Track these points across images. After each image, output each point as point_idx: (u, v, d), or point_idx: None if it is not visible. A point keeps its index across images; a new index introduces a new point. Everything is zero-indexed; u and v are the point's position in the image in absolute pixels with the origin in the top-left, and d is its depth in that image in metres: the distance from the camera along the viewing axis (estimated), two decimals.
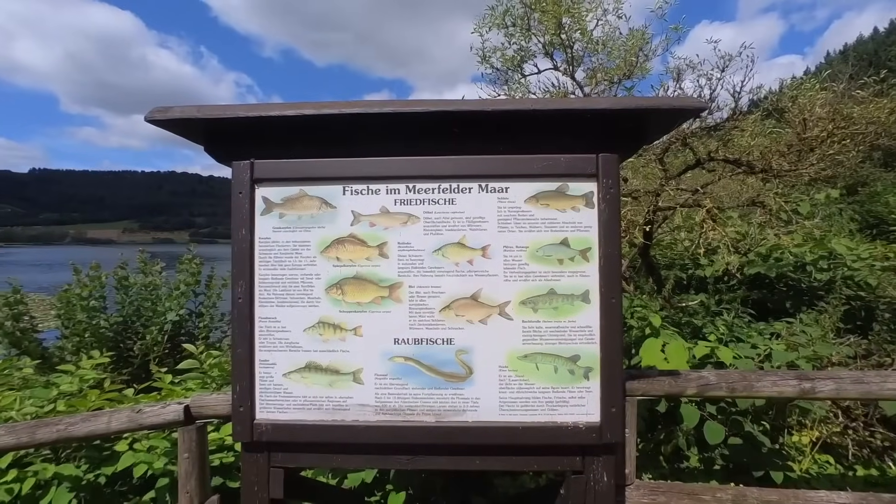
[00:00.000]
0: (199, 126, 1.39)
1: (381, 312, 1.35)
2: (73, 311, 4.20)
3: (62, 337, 4.54)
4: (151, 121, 1.33)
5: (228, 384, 3.50)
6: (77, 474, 2.86)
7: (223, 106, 1.33)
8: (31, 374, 3.36)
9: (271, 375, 1.37)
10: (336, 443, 1.37)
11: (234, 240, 1.36)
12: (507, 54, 3.80)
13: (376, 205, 1.36)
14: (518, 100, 1.24)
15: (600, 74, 3.73)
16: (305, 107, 1.30)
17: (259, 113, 1.30)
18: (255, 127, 1.35)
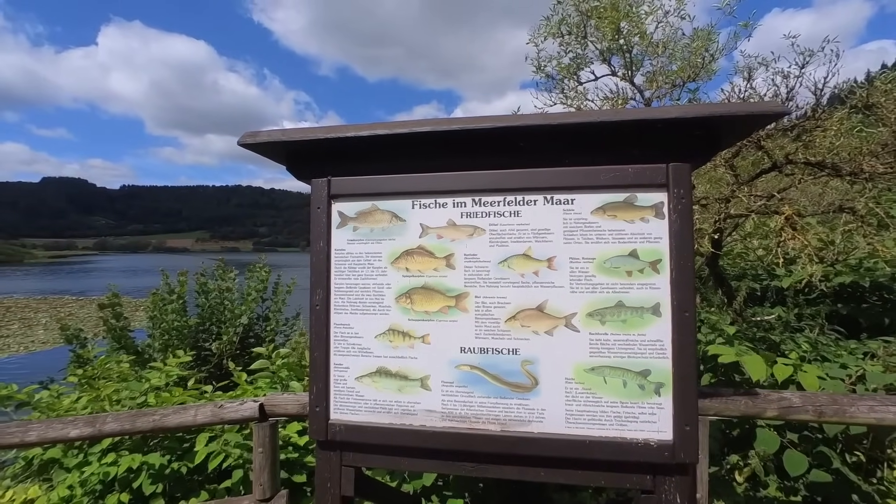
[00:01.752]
0: (282, 148, 1.52)
1: (448, 321, 1.40)
2: (164, 313, 4.67)
3: (150, 336, 5.05)
4: (243, 144, 1.48)
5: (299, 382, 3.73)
6: (162, 462, 3.16)
7: (304, 129, 1.45)
8: (127, 368, 3.77)
9: (345, 379, 1.46)
10: (404, 446, 1.43)
11: (313, 251, 1.47)
12: (562, 63, 3.77)
13: (443, 218, 1.42)
14: (585, 112, 1.24)
15: (661, 78, 3.59)
16: (378, 127, 1.39)
17: (336, 134, 1.40)
18: (333, 147, 1.45)
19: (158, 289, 4.92)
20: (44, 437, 2.29)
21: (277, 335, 5.28)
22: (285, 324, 5.52)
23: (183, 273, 5.00)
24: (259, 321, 5.24)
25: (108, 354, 4.16)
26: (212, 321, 4.83)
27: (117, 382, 3.47)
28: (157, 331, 4.71)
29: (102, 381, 3.50)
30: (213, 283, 5.09)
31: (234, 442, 3.15)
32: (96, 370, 3.66)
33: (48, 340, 16.66)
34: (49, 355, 14.39)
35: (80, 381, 3.62)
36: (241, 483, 3.08)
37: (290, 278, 5.49)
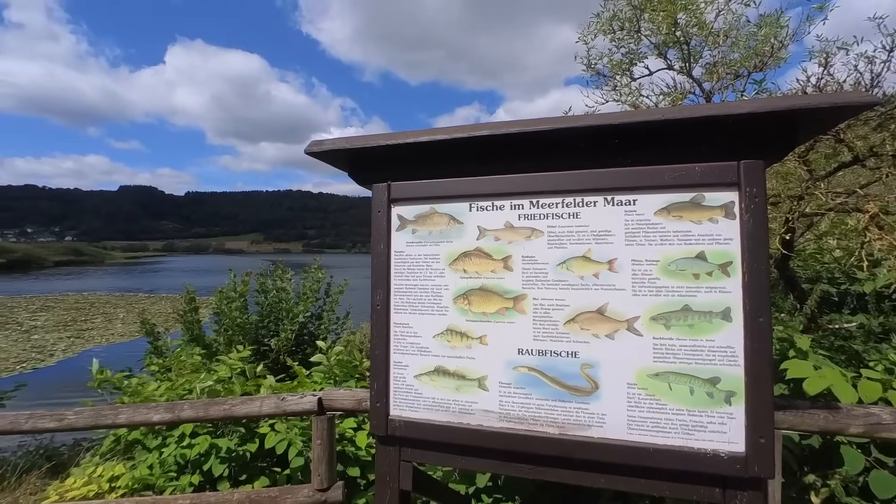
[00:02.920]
0: (345, 155, 1.60)
1: (506, 323, 1.41)
2: (231, 310, 5.03)
3: (215, 331, 5.44)
4: (309, 153, 1.57)
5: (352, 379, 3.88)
6: (230, 446, 3.39)
7: (366, 136, 1.52)
8: (198, 360, 4.08)
9: (404, 376, 1.51)
10: (461, 444, 1.45)
11: (374, 253, 1.54)
12: (614, 59, 3.65)
13: (501, 220, 1.43)
14: (649, 110, 1.20)
15: (722, 69, 3.39)
16: (437, 132, 1.42)
17: (397, 140, 1.45)
18: (393, 153, 1.51)
19: (224, 287, 5.29)
20: (131, 419, 2.54)
21: (329, 333, 5.50)
22: (336, 323, 5.75)
23: (248, 274, 5.35)
24: (312, 319, 5.50)
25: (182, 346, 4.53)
26: (270, 318, 5.13)
27: (190, 373, 3.77)
28: (222, 326, 5.07)
29: (179, 370, 3.81)
30: (272, 283, 5.40)
31: (294, 433, 3.33)
32: (171, 361, 4.00)
33: (125, 333, 18.33)
34: (126, 346, 15.84)
35: (157, 370, 3.97)
36: (299, 471, 3.24)
37: (343, 279, 5.72)
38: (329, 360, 3.65)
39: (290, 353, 5.05)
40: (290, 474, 3.28)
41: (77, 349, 15.52)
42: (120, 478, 3.60)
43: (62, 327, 19.25)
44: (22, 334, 17.70)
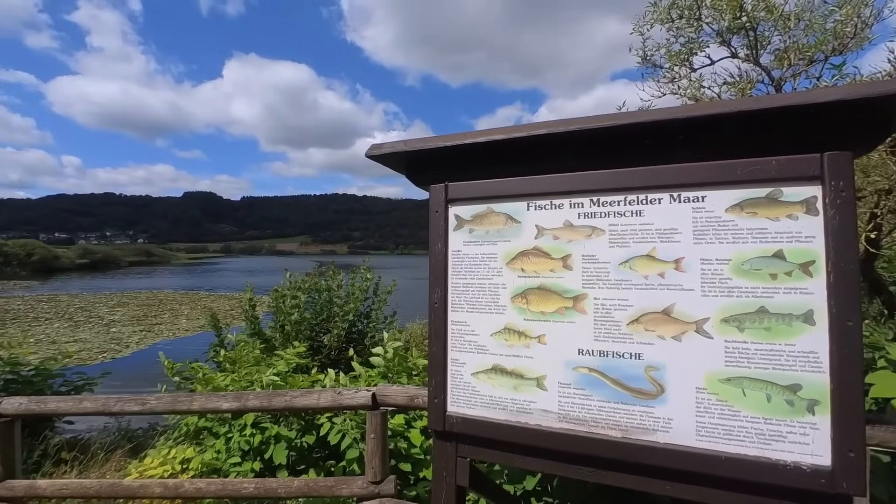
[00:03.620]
0: (403, 157, 1.65)
1: (565, 322, 1.39)
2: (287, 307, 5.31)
3: (270, 327, 5.76)
4: (370, 156, 1.63)
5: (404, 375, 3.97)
6: (290, 436, 3.57)
7: (424, 138, 1.56)
8: (259, 354, 4.35)
9: (461, 374, 1.53)
10: (519, 443, 1.45)
11: (432, 252, 1.57)
12: (671, 50, 3.48)
13: (559, 219, 1.42)
14: (718, 102, 1.14)
15: (794, 54, 3.14)
16: (495, 132, 1.44)
17: (455, 142, 1.48)
18: (450, 154, 1.54)
19: (280, 286, 5.60)
20: (203, 406, 2.74)
21: (377, 332, 5.67)
22: (383, 322, 5.91)
23: (309, 274, 5.64)
24: (361, 318, 5.68)
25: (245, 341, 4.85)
26: (323, 316, 5.36)
27: (251, 366, 4.03)
28: (278, 323, 5.37)
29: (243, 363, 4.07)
30: (324, 283, 5.64)
31: (349, 426, 3.45)
32: (236, 354, 4.28)
33: (189, 328, 19.78)
34: (190, 340, 17.09)
35: (222, 362, 4.27)
36: (354, 462, 3.36)
37: (392, 279, 5.89)
38: (386, 356, 3.76)
39: (341, 350, 5.24)
40: (346, 466, 3.40)
41: (148, 342, 16.94)
42: (191, 461, 3.89)
43: (136, 322, 21.09)
44: (103, 327, 19.57)
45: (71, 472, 4.02)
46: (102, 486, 2.84)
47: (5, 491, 2.83)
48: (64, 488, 2.84)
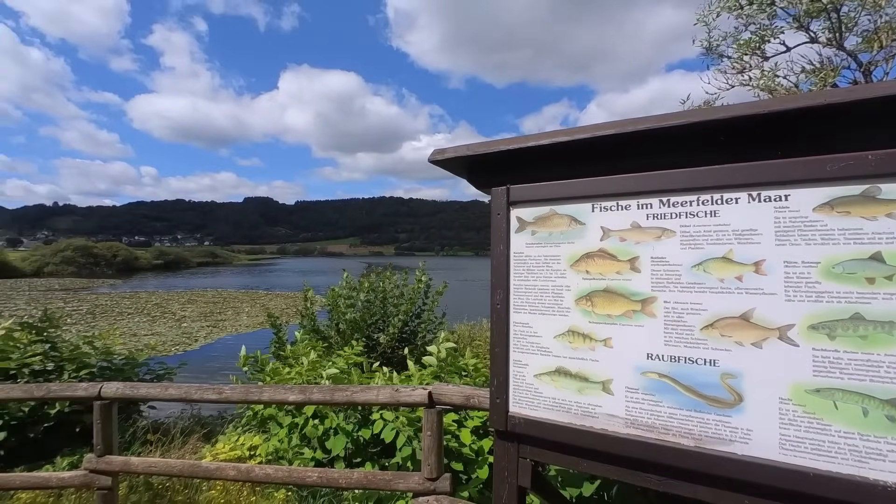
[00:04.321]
0: (465, 161, 1.68)
1: (633, 326, 1.36)
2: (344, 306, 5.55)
3: (326, 326, 6.04)
4: (433, 161, 1.69)
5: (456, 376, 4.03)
6: (348, 429, 3.73)
7: (487, 142, 1.59)
8: (319, 351, 4.58)
9: (524, 374, 1.54)
10: (583, 447, 1.44)
11: (494, 254, 1.59)
12: (740, 38, 3.26)
13: (626, 220, 1.39)
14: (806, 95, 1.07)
15: (885, 35, 2.84)
16: (559, 134, 1.44)
17: (518, 145, 1.50)
18: (512, 157, 1.55)
19: (336, 286, 5.86)
20: (272, 398, 2.93)
21: (428, 332, 5.78)
22: (434, 322, 6.01)
23: (364, 275, 5.88)
24: (412, 318, 5.82)
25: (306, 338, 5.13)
26: (377, 317, 5.54)
27: (315, 360, 4.25)
28: (334, 322, 5.62)
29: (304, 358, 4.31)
30: (380, 284, 5.84)
31: (401, 423, 3.55)
32: (298, 350, 4.54)
33: (250, 325, 21.08)
34: (250, 336, 18.22)
35: (287, 358, 4.55)
36: (408, 459, 3.45)
37: (443, 281, 5.98)
38: (439, 356, 3.84)
39: (394, 349, 5.40)
40: (399, 462, 3.50)
41: (214, 336, 18.24)
42: (258, 447, 4.17)
43: (203, 318, 22.79)
44: (175, 322, 21.33)
45: (155, 452, 4.44)
46: (184, 466, 3.12)
47: (105, 465, 3.18)
48: (152, 466, 3.16)
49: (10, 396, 3.33)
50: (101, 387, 3.17)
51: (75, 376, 4.51)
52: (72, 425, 4.43)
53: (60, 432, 4.37)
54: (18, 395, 3.32)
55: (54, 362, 4.55)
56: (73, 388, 3.23)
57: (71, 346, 4.83)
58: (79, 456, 4.13)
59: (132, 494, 3.53)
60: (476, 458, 3.61)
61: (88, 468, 3.19)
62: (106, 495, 3.19)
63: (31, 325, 4.67)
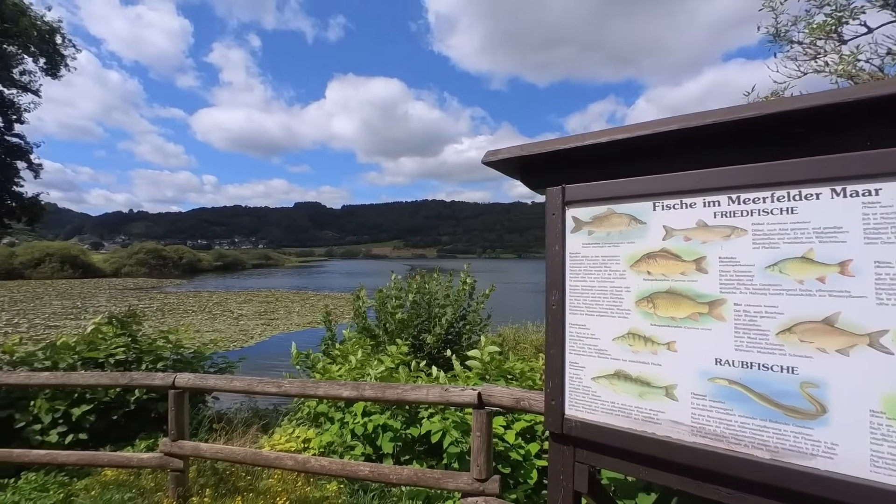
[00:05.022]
0: (518, 162, 1.68)
1: (700, 329, 1.30)
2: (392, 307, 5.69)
3: (375, 325, 6.20)
4: (486, 162, 1.70)
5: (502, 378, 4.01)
6: (396, 426, 3.81)
7: (541, 142, 1.58)
8: (368, 350, 4.72)
9: (580, 377, 1.52)
10: (644, 454, 1.39)
11: (549, 254, 1.58)
12: (813, 22, 3.00)
13: (692, 219, 1.33)
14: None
15: None
16: (617, 132, 1.40)
17: (574, 144, 1.48)
18: (568, 156, 1.54)
19: (384, 288, 6.02)
20: (327, 393, 3.06)
21: (473, 334, 5.79)
22: (479, 323, 6.01)
23: (412, 277, 6.01)
24: (458, 320, 5.85)
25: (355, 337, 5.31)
26: (424, 317, 5.63)
27: (363, 359, 4.39)
28: (382, 322, 5.77)
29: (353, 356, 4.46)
30: (426, 286, 5.94)
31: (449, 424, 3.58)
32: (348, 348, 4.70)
33: (300, 324, 22.05)
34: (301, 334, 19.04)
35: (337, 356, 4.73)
36: (454, 459, 3.48)
37: (490, 285, 5.98)
38: (483, 359, 3.84)
39: (440, 350, 5.45)
40: (447, 463, 3.53)
41: (268, 334, 19.24)
42: (311, 440, 4.35)
43: (258, 316, 24.11)
44: (233, 320, 22.73)
45: (219, 439, 4.76)
46: (247, 454, 3.33)
47: (178, 449, 3.46)
48: (219, 452, 3.39)
49: (99, 382, 3.71)
50: (174, 377, 3.46)
51: (152, 367, 4.94)
52: (147, 411, 4.85)
53: (138, 417, 4.79)
54: (106, 382, 3.69)
55: (135, 354, 5.01)
56: (151, 377, 3.54)
57: (148, 339, 5.30)
58: (154, 440, 4.52)
59: (200, 478, 3.80)
60: (522, 462, 3.57)
61: (164, 451, 3.48)
62: (178, 477, 3.47)
63: (117, 319, 5.17)
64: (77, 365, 4.81)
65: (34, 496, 3.66)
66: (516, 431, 3.56)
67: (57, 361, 4.80)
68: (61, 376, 3.78)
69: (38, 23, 6.42)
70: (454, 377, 4.22)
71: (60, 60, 6.87)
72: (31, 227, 7.67)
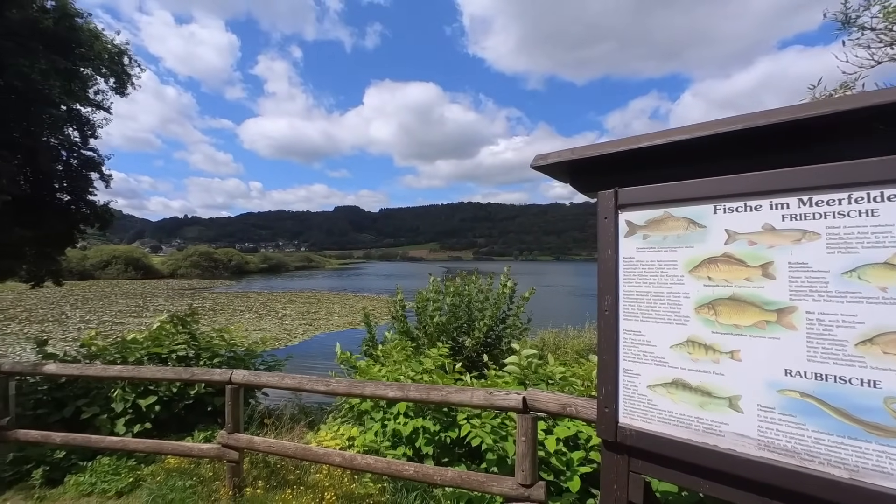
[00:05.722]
0: (567, 166, 1.67)
1: (767, 338, 1.24)
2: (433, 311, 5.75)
3: (415, 327, 6.29)
4: (535, 167, 1.70)
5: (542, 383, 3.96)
6: (434, 429, 3.84)
7: (593, 145, 1.56)
8: (409, 351, 4.80)
9: (635, 385, 1.48)
10: (706, 467, 1.33)
11: (601, 259, 1.56)
12: (889, 5, 2.76)
13: (757, 222, 1.28)
14: None
15: None
16: (674, 133, 1.37)
17: (628, 146, 1.45)
18: (620, 159, 1.51)
19: (424, 291, 6.10)
20: (373, 392, 3.14)
21: (513, 338, 5.74)
22: (519, 327, 5.95)
23: (450, 279, 6.07)
24: (497, 323, 5.82)
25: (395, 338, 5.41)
26: (463, 320, 5.65)
27: (403, 360, 4.47)
28: (422, 324, 5.84)
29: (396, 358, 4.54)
30: (465, 288, 5.96)
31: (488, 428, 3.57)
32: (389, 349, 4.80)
33: (340, 324, 22.67)
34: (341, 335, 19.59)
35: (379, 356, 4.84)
36: (495, 464, 3.46)
37: (530, 287, 5.92)
38: (521, 363, 3.81)
39: (479, 354, 5.45)
40: (486, 467, 3.52)
41: (310, 334, 19.93)
42: (355, 438, 4.47)
43: (301, 316, 25.03)
44: (278, 320, 23.72)
45: (269, 434, 4.98)
46: (297, 449, 3.47)
47: (234, 441, 3.66)
48: (271, 446, 3.56)
49: (165, 376, 4.00)
50: (231, 373, 3.67)
51: (209, 363, 5.26)
52: (204, 405, 5.16)
53: (196, 410, 5.11)
54: (171, 376, 3.97)
55: (194, 350, 5.35)
56: (210, 372, 3.77)
57: (206, 337, 5.64)
58: (211, 432, 4.80)
59: (253, 469, 4.01)
60: (565, 470, 3.50)
61: (221, 443, 3.69)
62: (234, 467, 3.67)
63: (179, 318, 5.55)
64: (144, 359, 5.21)
65: (108, 479, 3.99)
66: (558, 438, 3.49)
67: (126, 356, 5.21)
68: (132, 369, 4.11)
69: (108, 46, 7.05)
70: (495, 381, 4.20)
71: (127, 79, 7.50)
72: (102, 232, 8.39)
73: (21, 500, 3.83)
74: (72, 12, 5.76)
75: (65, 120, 6.62)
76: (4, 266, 6.22)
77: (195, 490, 3.80)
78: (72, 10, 5.81)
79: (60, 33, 5.35)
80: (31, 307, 27.66)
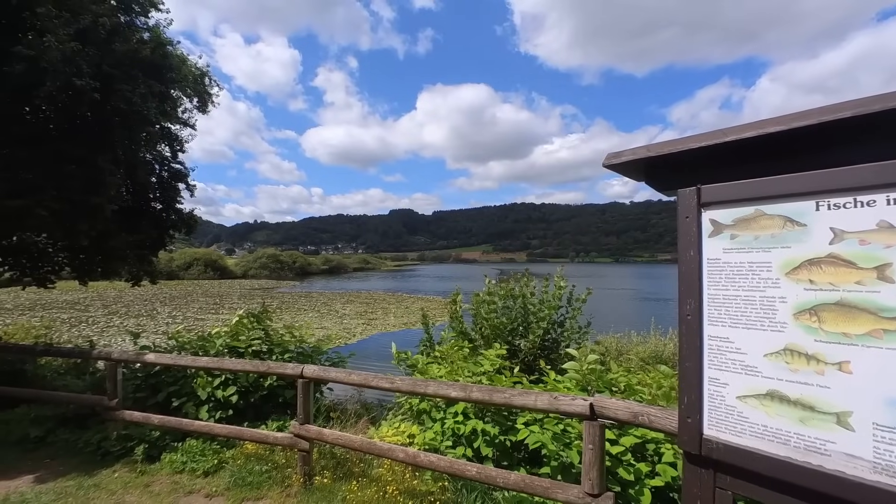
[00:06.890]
0: (643, 163, 1.60)
1: (884, 349, 1.11)
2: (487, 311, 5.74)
3: (471, 329, 6.31)
4: (608, 165, 1.65)
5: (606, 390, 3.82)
6: (494, 432, 3.82)
7: (671, 141, 1.49)
8: (467, 353, 4.83)
9: (722, 395, 1.39)
10: (808, 489, 1.22)
11: (682, 260, 1.48)
12: None
13: (870, 219, 1.15)
14: None
15: None
16: (768, 124, 1.27)
17: (712, 141, 1.37)
18: (703, 154, 1.43)
19: (481, 292, 6.11)
20: (436, 392, 3.20)
21: (571, 342, 5.57)
22: (577, 331, 5.77)
23: (503, 280, 6.05)
24: (555, 326, 5.69)
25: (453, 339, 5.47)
26: (519, 322, 5.59)
27: (461, 362, 4.51)
28: (478, 326, 5.85)
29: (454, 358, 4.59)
30: (518, 289, 5.89)
31: (549, 434, 3.50)
32: (447, 350, 4.86)
33: (396, 324, 23.26)
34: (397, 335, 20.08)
35: (437, 357, 4.92)
36: (558, 471, 3.38)
37: (586, 289, 5.73)
38: (582, 368, 3.69)
39: (535, 357, 5.35)
40: (549, 473, 3.45)
41: (367, 333, 20.63)
42: (415, 436, 4.57)
43: (359, 316, 26.01)
44: (338, 319, 24.82)
45: (335, 427, 5.24)
46: (363, 442, 3.61)
47: (304, 431, 3.88)
48: (339, 438, 3.74)
49: (244, 368, 4.35)
50: (303, 368, 3.91)
51: (280, 358, 5.64)
52: (276, 396, 5.53)
53: (269, 401, 5.49)
54: (249, 368, 4.31)
55: (267, 345, 5.77)
56: (283, 366, 4.05)
57: (278, 333, 6.05)
58: (283, 422, 5.13)
59: (321, 459, 4.23)
60: (633, 482, 3.34)
61: (293, 432, 3.94)
62: (304, 456, 3.90)
63: (254, 315, 6.01)
64: (224, 352, 5.69)
65: (196, 459, 4.41)
66: (625, 447, 3.34)
67: (208, 349, 5.73)
68: (217, 361, 4.51)
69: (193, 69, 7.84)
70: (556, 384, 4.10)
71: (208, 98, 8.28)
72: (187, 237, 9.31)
73: (127, 473, 4.34)
74: (164, 41, 6.45)
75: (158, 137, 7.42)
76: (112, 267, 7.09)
77: (270, 475, 4.08)
78: (165, 39, 6.51)
79: (156, 60, 6.00)
80: (129, 303, 31.25)
